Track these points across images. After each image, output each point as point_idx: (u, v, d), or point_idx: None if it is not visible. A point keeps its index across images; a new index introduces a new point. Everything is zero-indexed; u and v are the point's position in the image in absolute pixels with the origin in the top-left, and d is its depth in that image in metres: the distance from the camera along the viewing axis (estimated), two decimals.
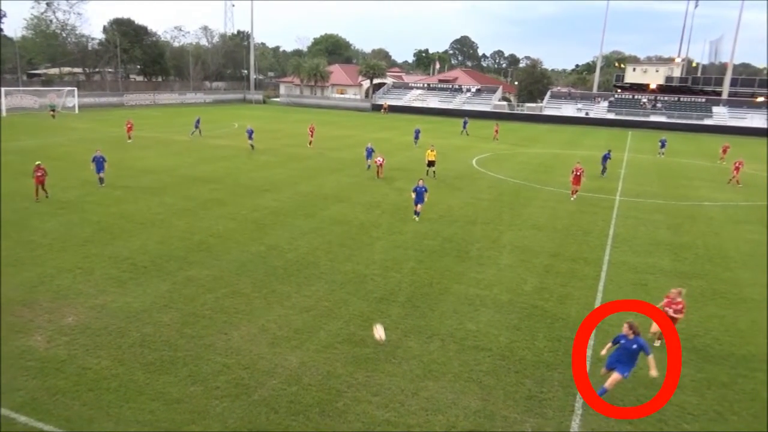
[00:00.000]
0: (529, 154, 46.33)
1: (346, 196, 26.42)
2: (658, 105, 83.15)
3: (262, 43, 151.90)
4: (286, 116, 75.07)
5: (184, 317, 12.99)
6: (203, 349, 11.61)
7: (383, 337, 11.33)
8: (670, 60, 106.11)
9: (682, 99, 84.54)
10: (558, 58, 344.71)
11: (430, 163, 31.94)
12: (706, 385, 11.08)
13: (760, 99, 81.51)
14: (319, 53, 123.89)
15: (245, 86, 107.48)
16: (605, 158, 35.45)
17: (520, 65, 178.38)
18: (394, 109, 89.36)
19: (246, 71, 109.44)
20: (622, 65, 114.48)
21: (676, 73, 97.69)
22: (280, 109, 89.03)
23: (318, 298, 14.45)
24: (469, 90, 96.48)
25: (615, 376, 10.01)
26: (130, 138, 42.49)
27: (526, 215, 24.34)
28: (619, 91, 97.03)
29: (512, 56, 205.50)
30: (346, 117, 77.30)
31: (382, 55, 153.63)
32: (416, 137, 46.75)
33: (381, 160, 31.38)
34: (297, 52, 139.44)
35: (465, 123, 60.54)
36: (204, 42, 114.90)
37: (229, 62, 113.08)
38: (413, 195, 22.26)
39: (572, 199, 27.31)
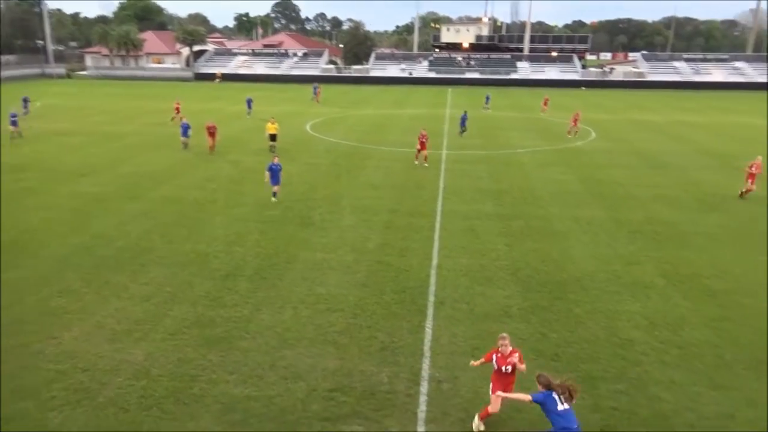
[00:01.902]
0: (361, 116, 47.36)
1: (175, 174, 24.90)
2: (472, 63, 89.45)
3: (58, 9, 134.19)
4: (97, 91, 67.82)
5: (4, 327, 11.46)
6: (30, 358, 10.41)
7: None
8: (478, 20, 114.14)
9: (491, 56, 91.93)
10: (379, 20, 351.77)
11: (272, 137, 29.99)
12: (531, 312, 12.57)
13: (554, 54, 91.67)
14: (128, 19, 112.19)
15: (43, 59, 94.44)
16: (463, 119, 36.81)
17: (344, 28, 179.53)
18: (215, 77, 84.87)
19: (42, 42, 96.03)
20: (438, 26, 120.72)
21: (485, 32, 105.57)
22: (89, 84, 80.00)
23: (158, 284, 13.63)
24: (295, 54, 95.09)
25: None
26: None
27: (363, 176, 25.05)
28: (437, 50, 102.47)
29: (335, 19, 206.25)
30: (167, 88, 71.87)
31: (199, 20, 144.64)
32: (249, 106, 45.17)
33: (211, 126, 29.12)
34: (102, 19, 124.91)
35: (315, 89, 59.70)
36: None
37: (18, 32, 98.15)
38: (268, 175, 20.44)
39: (416, 163, 27.13)
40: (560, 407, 7.44)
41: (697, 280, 14.31)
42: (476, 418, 8.75)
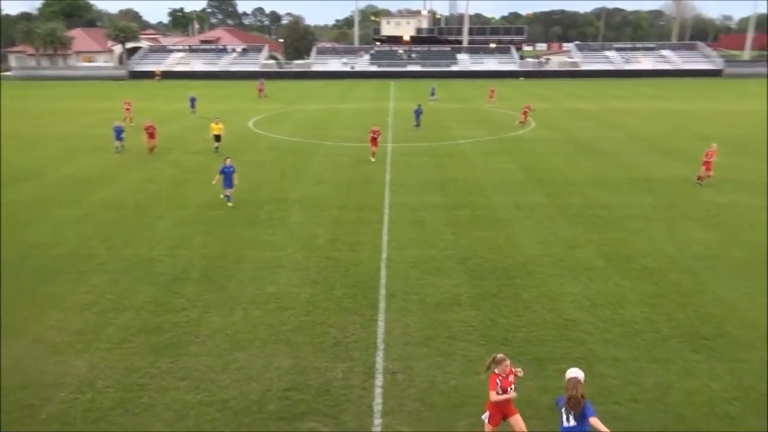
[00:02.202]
0: (304, 111, 46.94)
1: (114, 176, 23.99)
2: (413, 55, 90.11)
3: None
4: (25, 93, 64.34)
5: None
6: None
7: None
8: (418, 13, 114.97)
9: (432, 49, 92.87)
10: (318, 14, 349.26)
11: (217, 138, 28.82)
12: (480, 299, 12.86)
13: (493, 45, 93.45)
14: (54, 16, 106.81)
15: None
16: (418, 113, 36.92)
17: (283, 22, 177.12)
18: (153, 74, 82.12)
19: None
20: (378, 19, 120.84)
21: (424, 25, 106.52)
22: (15, 85, 75.73)
23: (100, 292, 13.13)
24: (234, 50, 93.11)
25: None
26: None
27: (309, 172, 24.87)
28: (378, 44, 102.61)
29: (274, 13, 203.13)
30: (101, 88, 69.04)
31: (131, 16, 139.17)
32: (192, 105, 43.82)
33: (150, 126, 27.89)
34: (25, 16, 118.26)
35: (261, 82, 58.53)
36: None
37: None
38: (219, 178, 19.41)
39: (372, 160, 26.51)
40: (564, 423, 6.97)
41: (634, 260, 15.00)
42: None
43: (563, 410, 7.03)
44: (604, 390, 9.46)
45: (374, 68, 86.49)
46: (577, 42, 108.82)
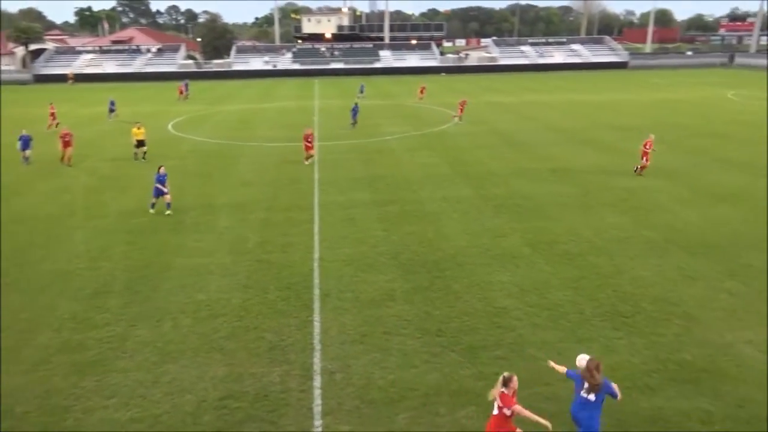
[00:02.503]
0: (226, 111, 45.77)
1: (25, 188, 22.46)
2: (336, 53, 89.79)
3: None
4: None
5: None
6: None
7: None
8: (338, 10, 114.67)
9: (354, 46, 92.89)
10: (237, 12, 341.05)
11: (140, 143, 26.87)
12: (413, 293, 13.06)
13: (414, 42, 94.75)
14: None
15: None
16: (354, 111, 36.39)
17: (200, 20, 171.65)
18: (65, 78, 77.18)
19: None
20: (298, 16, 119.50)
21: (345, 22, 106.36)
22: None
23: (13, 310, 12.28)
24: (149, 50, 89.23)
25: None
26: None
27: (234, 174, 24.31)
28: (299, 41, 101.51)
29: (189, 11, 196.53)
30: (4, 93, 64.20)
31: (33, 15, 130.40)
32: (111, 109, 41.46)
33: (66, 134, 26.10)
34: None
35: (186, 85, 56.29)
36: None
37: None
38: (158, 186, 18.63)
39: (306, 163, 25.46)
40: (582, 393, 7.38)
41: (557, 246, 15.71)
42: None
43: (584, 389, 7.40)
44: (535, 372, 9.86)
45: (297, 66, 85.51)
46: (494, 38, 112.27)
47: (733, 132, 32.06)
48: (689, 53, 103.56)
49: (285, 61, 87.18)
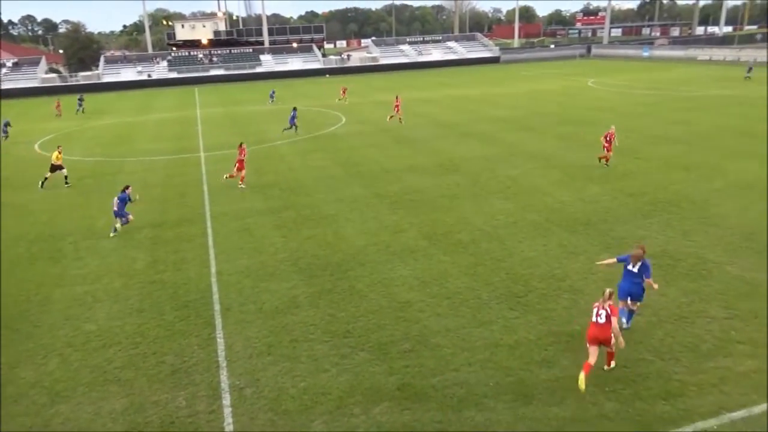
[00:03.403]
0: (100, 127, 42.77)
1: None
2: (215, 59, 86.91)
3: None
4: None
5: None
6: None
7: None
8: (214, 15, 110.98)
9: (233, 51, 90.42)
10: (101, 20, 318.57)
11: (57, 167, 24.16)
12: (317, 297, 13.00)
13: (295, 45, 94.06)
14: None
15: None
16: (293, 117, 34.41)
17: (60, 31, 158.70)
18: None
19: None
20: (170, 23, 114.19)
21: (222, 27, 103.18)
22: None
23: None
24: (3, 65, 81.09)
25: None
26: None
27: (115, 192, 22.68)
28: (174, 49, 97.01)
29: (48, 21, 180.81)
30: None
31: None
32: (4, 131, 37.08)
33: None
34: None
35: (80, 101, 51.41)
36: None
37: None
38: (116, 203, 17.56)
39: (242, 186, 22.66)
40: (629, 267, 10.54)
41: (451, 236, 16.35)
42: (581, 376, 8.95)
43: (630, 265, 10.55)
44: (442, 360, 10.23)
45: (174, 75, 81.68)
46: (373, 38, 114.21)
47: (594, 117, 35.06)
48: (552, 46, 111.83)
49: (160, 70, 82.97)
